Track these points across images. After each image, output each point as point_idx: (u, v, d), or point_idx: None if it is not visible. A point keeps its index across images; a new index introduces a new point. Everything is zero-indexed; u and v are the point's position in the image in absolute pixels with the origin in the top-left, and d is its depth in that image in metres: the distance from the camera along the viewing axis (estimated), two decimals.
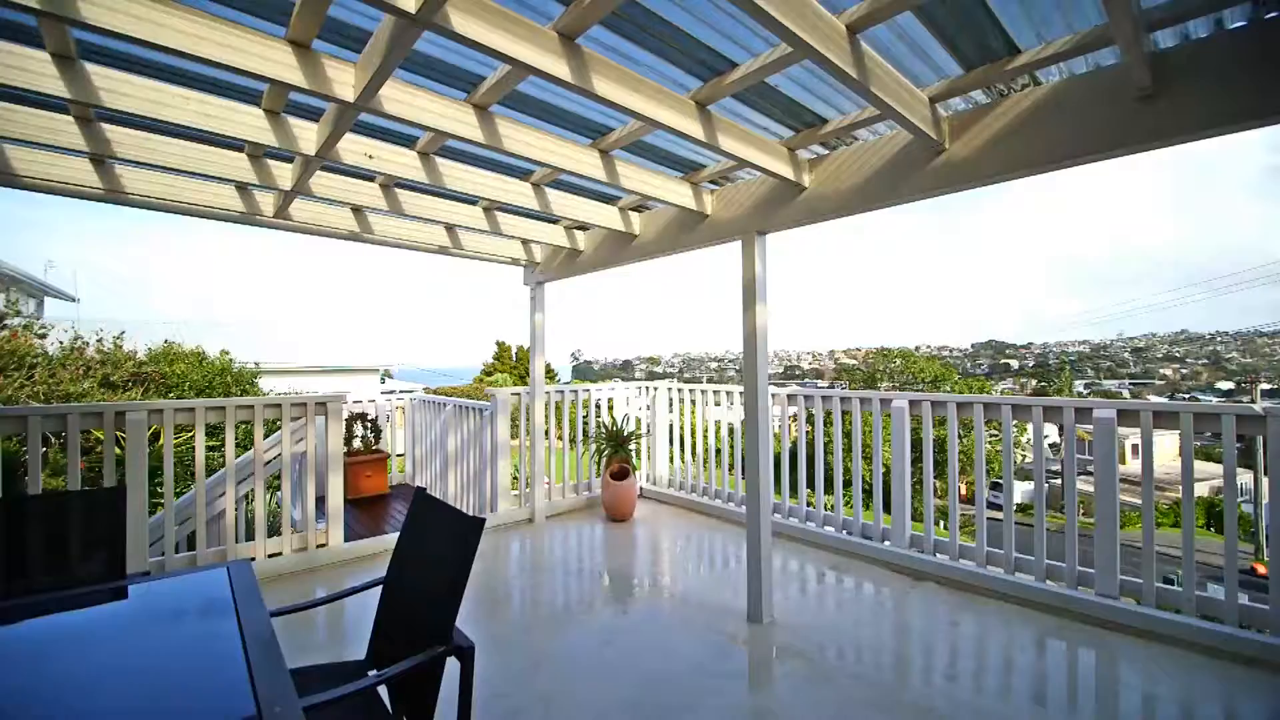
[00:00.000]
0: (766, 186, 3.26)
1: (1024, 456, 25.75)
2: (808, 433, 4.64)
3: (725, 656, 2.83)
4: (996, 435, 20.40)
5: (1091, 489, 3.22)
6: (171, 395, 7.27)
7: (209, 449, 5.03)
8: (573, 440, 5.88)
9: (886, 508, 4.14)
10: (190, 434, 5.99)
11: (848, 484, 4.48)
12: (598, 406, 6.04)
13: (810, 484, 4.69)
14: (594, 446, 5.65)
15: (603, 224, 3.99)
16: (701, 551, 4.50)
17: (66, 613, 1.59)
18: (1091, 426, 3.22)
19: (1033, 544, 3.45)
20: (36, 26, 1.93)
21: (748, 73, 2.22)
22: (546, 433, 5.54)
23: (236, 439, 3.86)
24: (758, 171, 3.07)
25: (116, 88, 2.19)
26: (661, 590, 3.70)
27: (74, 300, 16.68)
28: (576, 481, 5.75)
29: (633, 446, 5.51)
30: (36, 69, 2.04)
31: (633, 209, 4.13)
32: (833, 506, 4.49)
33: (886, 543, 4.08)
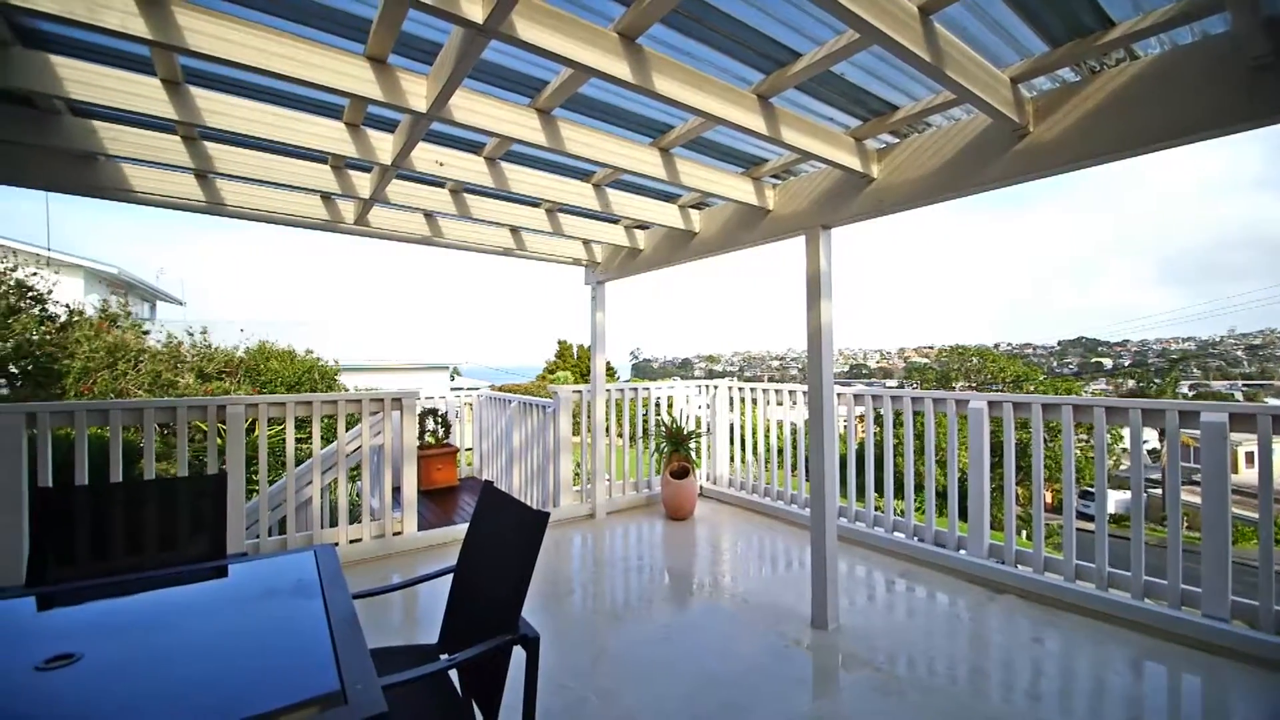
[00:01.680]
0: (831, 179, 3.17)
1: (1118, 463, 23.82)
2: (876, 434, 4.47)
3: (787, 660, 2.77)
4: (1087, 440, 18.95)
5: (1197, 500, 2.93)
6: (265, 390, 7.89)
7: (297, 440, 5.41)
8: (633, 438, 5.92)
9: (962, 515, 3.92)
10: (281, 427, 6.46)
11: (919, 489, 4.28)
12: (657, 405, 6.05)
13: (878, 488, 4.50)
14: (654, 444, 5.67)
15: (663, 222, 3.99)
16: (763, 553, 4.43)
17: (176, 587, 1.75)
18: (1198, 432, 2.94)
19: (1128, 558, 3.18)
20: (149, 56, 2.13)
21: (812, 62, 2.16)
22: (607, 430, 5.60)
23: (321, 432, 4.13)
24: (822, 164, 2.98)
25: (216, 108, 2.40)
26: (722, 590, 3.67)
27: (182, 304, 18.36)
28: (636, 479, 5.79)
29: (693, 445, 5.48)
30: (150, 94, 2.27)
31: (693, 206, 4.11)
32: (903, 512, 4.30)
33: (962, 551, 3.87)
